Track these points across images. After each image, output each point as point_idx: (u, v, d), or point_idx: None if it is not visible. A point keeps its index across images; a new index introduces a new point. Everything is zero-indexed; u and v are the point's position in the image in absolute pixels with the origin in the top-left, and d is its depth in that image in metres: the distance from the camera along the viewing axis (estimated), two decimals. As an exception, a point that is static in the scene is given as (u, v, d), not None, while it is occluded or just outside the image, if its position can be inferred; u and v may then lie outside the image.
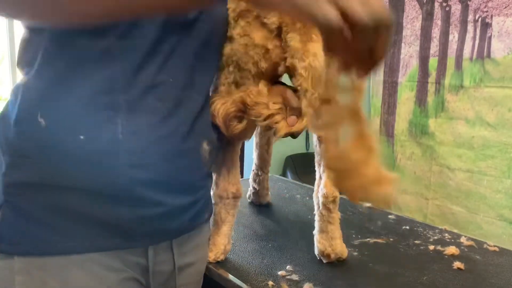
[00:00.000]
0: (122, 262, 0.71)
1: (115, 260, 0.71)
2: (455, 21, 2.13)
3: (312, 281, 0.93)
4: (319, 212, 1.03)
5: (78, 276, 0.68)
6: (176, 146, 0.71)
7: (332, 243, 1.02)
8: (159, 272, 0.78)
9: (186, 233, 0.80)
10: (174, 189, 0.73)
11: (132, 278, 0.74)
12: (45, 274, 0.66)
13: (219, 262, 1.01)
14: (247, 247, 1.11)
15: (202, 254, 0.89)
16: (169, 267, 0.79)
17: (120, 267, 0.71)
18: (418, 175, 2.34)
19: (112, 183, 0.67)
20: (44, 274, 0.66)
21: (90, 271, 0.68)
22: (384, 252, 1.10)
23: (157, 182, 0.70)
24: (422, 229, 1.25)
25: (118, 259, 0.71)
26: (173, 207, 0.73)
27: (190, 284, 0.86)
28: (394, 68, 2.42)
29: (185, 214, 0.77)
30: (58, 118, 0.65)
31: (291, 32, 0.80)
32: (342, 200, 1.03)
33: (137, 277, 0.75)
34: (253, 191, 1.43)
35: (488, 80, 2.02)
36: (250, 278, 0.95)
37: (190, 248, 0.83)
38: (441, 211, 2.24)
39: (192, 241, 0.83)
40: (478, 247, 1.14)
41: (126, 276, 0.72)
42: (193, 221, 0.80)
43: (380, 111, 2.51)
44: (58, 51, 0.66)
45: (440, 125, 2.21)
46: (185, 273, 0.83)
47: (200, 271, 0.90)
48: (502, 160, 1.99)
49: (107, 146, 0.65)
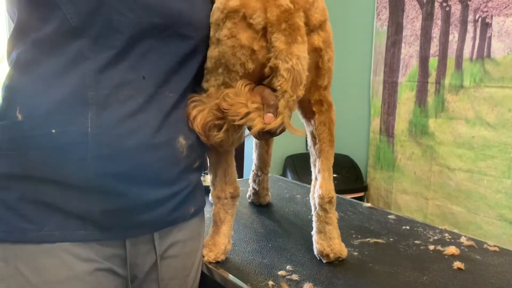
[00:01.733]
0: (96, 253, 0.73)
1: (88, 250, 0.72)
2: (455, 21, 2.13)
3: (312, 281, 0.93)
4: (316, 213, 1.03)
5: (48, 264, 0.70)
6: (145, 140, 0.73)
7: (330, 243, 1.02)
8: (138, 264, 0.79)
9: (167, 226, 0.81)
10: (145, 182, 0.74)
11: (108, 269, 0.75)
12: (18, 262, 0.69)
13: (219, 262, 1.01)
14: (247, 247, 1.11)
15: (189, 249, 0.89)
16: (151, 259, 0.80)
17: (93, 258, 0.73)
18: (418, 175, 2.34)
19: (82, 175, 0.69)
20: (18, 261, 0.69)
21: (60, 260, 0.70)
22: (384, 252, 1.10)
23: (126, 174, 0.72)
24: (422, 229, 1.25)
25: (92, 249, 0.73)
26: (145, 200, 0.75)
27: (175, 279, 0.86)
28: (394, 68, 2.41)
29: (162, 208, 0.78)
30: (34, 113, 0.69)
31: (276, 33, 0.80)
32: (342, 200, 1.03)
33: (114, 268, 0.76)
34: (253, 191, 1.43)
35: (488, 80, 2.02)
36: (250, 278, 0.95)
37: (174, 242, 0.83)
38: (441, 211, 2.24)
39: (176, 235, 0.83)
40: (478, 247, 1.14)
41: (100, 267, 0.74)
42: (172, 214, 0.80)
43: (380, 111, 2.51)
44: (38, 53, 0.70)
45: (440, 125, 2.21)
46: (168, 267, 0.83)
47: (186, 267, 0.90)
48: (502, 160, 1.99)
49: (77, 139, 0.68)
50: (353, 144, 2.62)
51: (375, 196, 2.56)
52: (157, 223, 0.79)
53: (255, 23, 0.81)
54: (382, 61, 2.47)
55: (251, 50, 0.82)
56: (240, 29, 0.82)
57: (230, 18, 0.82)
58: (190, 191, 0.84)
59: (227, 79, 0.86)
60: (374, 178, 2.56)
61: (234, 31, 0.82)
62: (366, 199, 2.59)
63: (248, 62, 0.83)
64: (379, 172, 2.54)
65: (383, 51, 2.45)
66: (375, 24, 2.49)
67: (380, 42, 2.47)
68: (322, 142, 1.01)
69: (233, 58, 0.83)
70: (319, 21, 0.87)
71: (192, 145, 0.81)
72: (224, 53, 0.84)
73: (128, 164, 0.72)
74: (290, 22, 0.80)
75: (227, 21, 0.82)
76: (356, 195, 2.40)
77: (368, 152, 2.61)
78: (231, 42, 0.83)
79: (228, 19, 0.82)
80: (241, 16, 0.82)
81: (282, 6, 0.79)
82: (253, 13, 0.81)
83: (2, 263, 0.70)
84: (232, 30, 0.82)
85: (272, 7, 0.80)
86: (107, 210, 0.72)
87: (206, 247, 1.02)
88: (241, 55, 0.83)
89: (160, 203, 0.77)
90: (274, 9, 0.79)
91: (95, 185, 0.70)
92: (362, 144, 2.64)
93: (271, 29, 0.80)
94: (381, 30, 2.46)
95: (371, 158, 2.58)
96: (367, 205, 1.45)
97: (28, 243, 0.69)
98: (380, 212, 1.39)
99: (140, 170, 0.73)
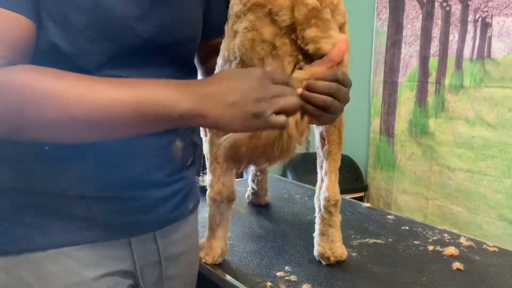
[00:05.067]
0: (102, 256, 0.73)
1: (93, 254, 0.72)
2: (455, 21, 2.13)
3: (310, 282, 0.93)
4: (320, 215, 1.02)
5: (53, 271, 0.69)
6: (145, 145, 0.72)
7: (332, 246, 1.01)
8: (146, 263, 0.79)
9: (169, 224, 0.81)
10: (147, 185, 0.74)
11: (114, 272, 0.74)
12: (21, 270, 0.68)
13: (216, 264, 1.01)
14: (245, 247, 1.10)
15: (192, 244, 0.90)
16: (155, 258, 0.80)
17: (99, 262, 0.72)
18: (418, 175, 2.33)
19: (85, 186, 0.69)
20: (20, 270, 0.68)
21: (64, 266, 0.69)
22: (383, 253, 1.10)
23: (130, 181, 0.72)
24: (421, 230, 1.25)
25: (98, 252, 0.72)
26: (147, 201, 0.75)
27: (182, 275, 0.87)
28: (394, 68, 2.41)
29: (164, 206, 0.78)
30: None
31: (307, 28, 0.79)
32: (342, 201, 1.03)
33: (123, 270, 0.75)
34: (252, 191, 1.43)
35: (488, 80, 2.02)
36: (248, 279, 0.94)
37: (176, 239, 0.83)
38: (441, 211, 2.23)
39: (178, 232, 0.84)
40: (478, 248, 1.14)
41: (107, 272, 0.73)
42: (174, 212, 0.81)
43: (380, 111, 2.50)
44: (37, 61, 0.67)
45: (440, 125, 2.21)
46: (175, 264, 0.83)
47: (192, 261, 0.91)
48: (502, 160, 1.99)
49: (73, 150, 0.66)
50: (353, 144, 2.61)
51: (375, 196, 2.56)
52: (160, 221, 0.80)
53: (280, 20, 0.80)
54: (382, 61, 2.46)
55: (272, 46, 0.82)
56: (264, 24, 0.81)
57: (254, 11, 0.81)
58: (188, 188, 0.85)
59: None
60: (374, 178, 2.56)
61: (257, 25, 0.81)
62: (366, 199, 2.59)
63: (267, 58, 0.82)
64: (379, 172, 2.53)
65: (383, 51, 2.45)
66: (375, 24, 2.49)
67: (380, 42, 2.47)
68: (331, 144, 1.00)
69: (251, 51, 0.82)
70: (340, 23, 0.86)
71: (186, 146, 0.81)
72: (241, 46, 0.83)
73: (128, 169, 0.72)
74: (319, 17, 0.79)
75: (249, 13, 0.82)
76: (356, 195, 2.39)
77: (368, 152, 2.60)
78: (251, 35, 0.82)
79: (250, 12, 0.82)
80: (266, 12, 0.81)
81: (310, 5, 0.79)
82: (279, 11, 0.80)
83: (2, 273, 0.68)
84: (254, 23, 0.81)
85: (300, 5, 0.79)
86: (111, 213, 0.72)
87: (203, 250, 1.02)
88: (261, 49, 0.82)
89: (161, 202, 0.78)
90: (302, 7, 0.79)
91: (96, 192, 0.70)
92: (362, 144, 2.63)
93: (301, 26, 0.80)
94: (381, 30, 2.46)
95: (371, 158, 2.58)
96: (366, 205, 1.44)
97: (34, 251, 0.68)
98: (379, 212, 1.39)
99: (143, 175, 0.73)
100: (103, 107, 0.57)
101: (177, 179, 0.81)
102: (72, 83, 0.58)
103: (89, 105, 0.57)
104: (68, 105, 0.56)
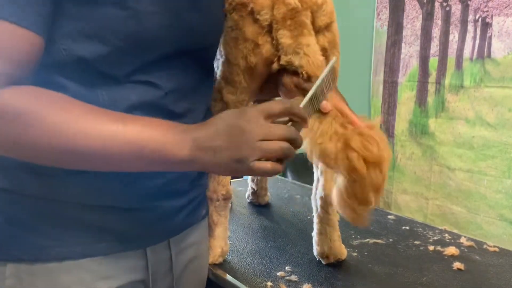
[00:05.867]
0: (117, 267, 0.72)
1: (108, 266, 0.70)
2: (455, 21, 2.13)
3: (311, 282, 0.93)
4: (317, 215, 1.03)
5: (66, 282, 0.68)
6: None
7: (331, 245, 1.01)
8: (159, 271, 0.78)
9: (182, 230, 0.81)
10: (166, 195, 0.74)
11: (127, 284, 0.73)
12: (35, 279, 0.67)
13: (217, 264, 1.01)
14: (245, 247, 1.10)
15: (203, 249, 0.90)
16: (168, 265, 0.80)
17: (113, 274, 0.71)
18: (418, 175, 2.33)
19: (101, 195, 0.68)
20: (34, 279, 0.67)
21: (79, 278, 0.68)
22: (383, 253, 1.10)
23: (148, 190, 0.71)
24: (421, 230, 1.25)
25: (113, 264, 0.71)
26: (166, 210, 0.75)
27: (192, 280, 0.87)
28: (394, 68, 2.41)
29: (180, 214, 0.78)
30: None
31: (281, 29, 0.80)
32: (341, 201, 1.02)
33: (136, 281, 0.75)
34: (252, 191, 1.43)
35: (488, 80, 2.02)
36: (248, 279, 0.94)
37: (188, 244, 0.83)
38: (441, 211, 2.23)
39: (190, 237, 0.84)
40: (478, 248, 1.14)
41: (120, 284, 0.72)
42: (188, 219, 0.81)
43: (380, 111, 2.50)
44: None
45: (440, 125, 2.21)
46: (186, 270, 0.83)
47: (203, 266, 0.91)
48: (502, 160, 1.99)
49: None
50: (353, 144, 2.61)
51: (375, 196, 2.55)
52: (174, 229, 0.79)
53: (262, 19, 0.81)
54: (382, 61, 2.46)
55: (254, 44, 0.82)
56: (247, 23, 0.82)
57: (238, 11, 0.82)
58: (203, 195, 0.86)
59: (227, 73, 0.86)
60: (374, 178, 2.56)
61: (240, 24, 0.82)
62: (366, 199, 2.58)
63: (250, 56, 0.83)
64: (379, 172, 2.53)
65: (383, 51, 2.45)
66: (375, 24, 2.49)
67: (380, 42, 2.47)
68: None
69: (235, 50, 0.84)
70: (325, 23, 0.86)
71: None
72: (226, 45, 0.84)
73: (153, 182, 0.71)
74: (295, 19, 0.80)
75: (234, 12, 0.83)
76: (356, 195, 2.39)
77: (368, 152, 2.60)
78: (235, 33, 0.83)
79: (235, 11, 0.83)
80: (249, 11, 0.82)
81: (290, 5, 0.80)
82: (261, 10, 0.81)
83: (14, 280, 0.66)
84: (238, 22, 0.82)
85: (280, 4, 0.80)
86: (127, 223, 0.71)
87: None
88: (244, 48, 0.83)
89: (178, 210, 0.78)
90: (282, 6, 0.80)
91: (118, 203, 0.69)
92: (362, 144, 2.63)
93: (276, 26, 0.80)
94: (381, 30, 2.46)
95: (371, 158, 2.57)
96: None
97: (49, 261, 0.67)
98: (379, 212, 1.39)
99: (165, 186, 0.73)
100: (106, 146, 0.58)
101: (194, 186, 0.81)
102: (76, 117, 0.57)
103: (92, 143, 0.57)
104: (70, 140, 0.57)
